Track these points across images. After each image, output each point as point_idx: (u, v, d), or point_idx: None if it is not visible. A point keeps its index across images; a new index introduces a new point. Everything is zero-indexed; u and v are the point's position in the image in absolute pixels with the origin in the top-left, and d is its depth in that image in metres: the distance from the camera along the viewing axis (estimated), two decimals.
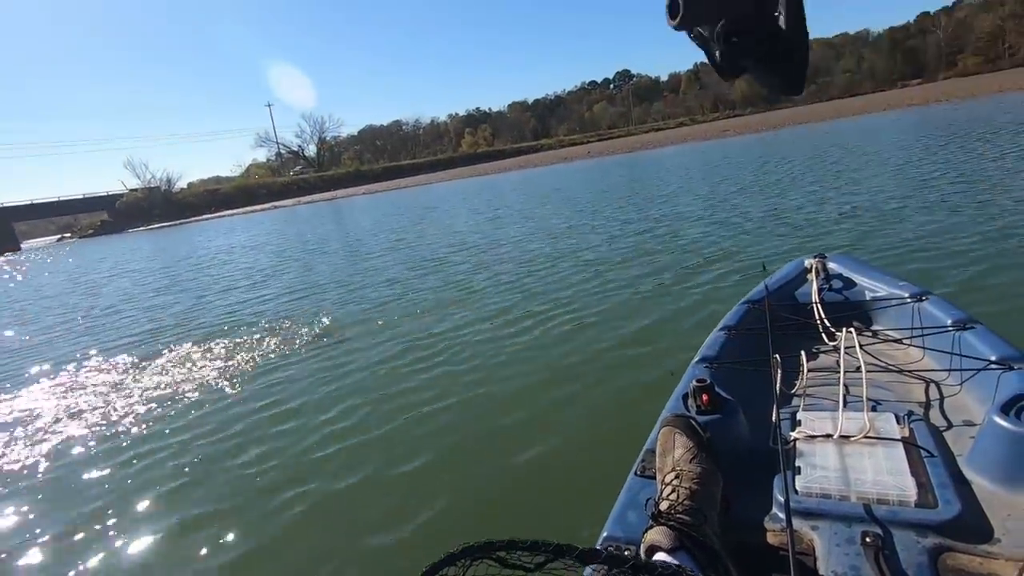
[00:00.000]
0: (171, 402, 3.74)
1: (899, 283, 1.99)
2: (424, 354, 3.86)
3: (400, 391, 3.32)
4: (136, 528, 2.37)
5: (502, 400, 2.98)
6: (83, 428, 3.51)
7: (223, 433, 3.13)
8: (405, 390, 3.32)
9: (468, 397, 3.08)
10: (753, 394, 1.54)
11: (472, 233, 9.74)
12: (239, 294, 7.56)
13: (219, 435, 3.12)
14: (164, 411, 3.59)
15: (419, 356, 3.84)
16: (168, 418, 3.46)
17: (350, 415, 3.10)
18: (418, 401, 3.12)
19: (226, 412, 3.43)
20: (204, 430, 3.21)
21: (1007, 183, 6.23)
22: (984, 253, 4.02)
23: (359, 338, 4.50)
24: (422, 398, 3.16)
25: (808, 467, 1.18)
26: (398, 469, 2.46)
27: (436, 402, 3.07)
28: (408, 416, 2.96)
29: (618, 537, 1.11)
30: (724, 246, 5.58)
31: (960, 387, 1.50)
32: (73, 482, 2.85)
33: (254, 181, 65.78)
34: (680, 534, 0.95)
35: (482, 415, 2.86)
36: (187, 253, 16.36)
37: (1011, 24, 66.37)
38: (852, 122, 24.56)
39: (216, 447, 2.98)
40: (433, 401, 3.08)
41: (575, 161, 33.81)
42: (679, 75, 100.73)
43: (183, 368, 4.49)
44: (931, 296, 1.84)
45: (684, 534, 0.95)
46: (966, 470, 1.17)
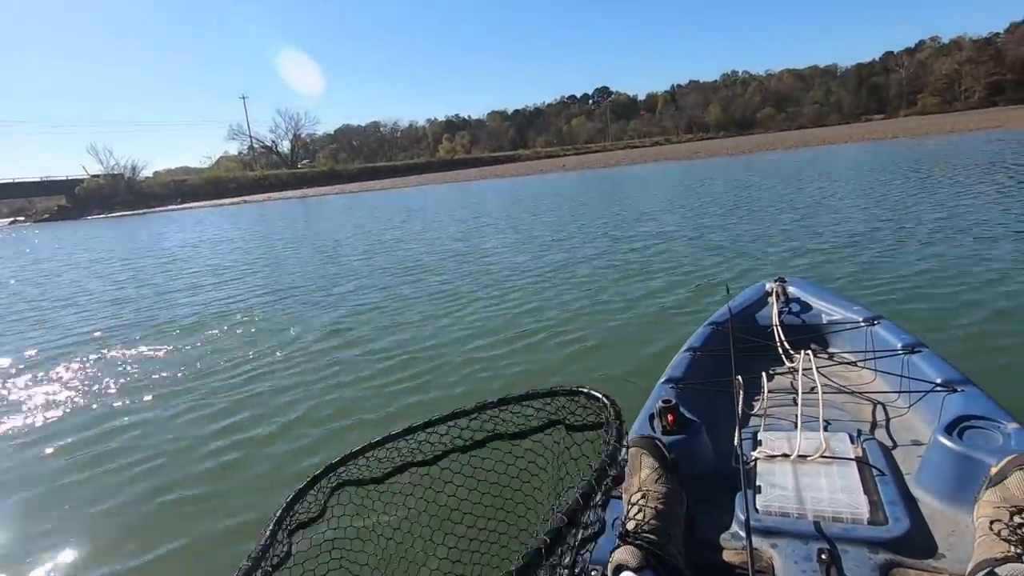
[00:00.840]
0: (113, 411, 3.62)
1: (853, 307, 2.07)
2: (391, 363, 3.77)
3: (366, 399, 3.23)
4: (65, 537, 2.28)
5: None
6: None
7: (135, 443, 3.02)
8: (371, 398, 3.24)
9: (431, 409, 2.99)
10: (716, 414, 1.60)
11: (444, 243, 9.69)
12: (204, 293, 7.39)
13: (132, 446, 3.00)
14: (103, 425, 3.39)
15: (386, 365, 3.74)
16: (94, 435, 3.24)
17: (313, 422, 2.99)
18: (385, 411, 3.03)
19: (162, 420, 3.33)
20: (126, 445, 3.04)
21: (954, 217, 6.58)
22: (930, 280, 4.24)
23: (322, 345, 4.41)
24: (389, 408, 3.07)
25: (768, 486, 1.22)
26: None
27: (402, 412, 2.99)
28: (373, 423, 2.88)
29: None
30: (690, 268, 5.67)
31: (909, 408, 1.57)
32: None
33: (224, 174, 64.20)
34: (646, 553, 0.96)
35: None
36: (149, 245, 15.87)
37: (967, 68, 70.14)
38: (816, 151, 25.49)
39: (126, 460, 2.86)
40: (400, 411, 3.01)
41: (550, 173, 34.08)
42: (656, 95, 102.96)
43: (139, 371, 4.37)
44: (883, 320, 1.92)
45: (650, 553, 0.97)
46: (914, 488, 1.22)
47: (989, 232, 5.54)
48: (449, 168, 64.14)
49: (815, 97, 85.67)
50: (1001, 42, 69.54)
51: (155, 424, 3.21)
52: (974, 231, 5.67)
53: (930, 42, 79.79)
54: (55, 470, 2.78)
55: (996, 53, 68.67)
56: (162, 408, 3.42)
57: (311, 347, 4.30)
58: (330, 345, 4.30)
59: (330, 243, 11.05)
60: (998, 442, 1.18)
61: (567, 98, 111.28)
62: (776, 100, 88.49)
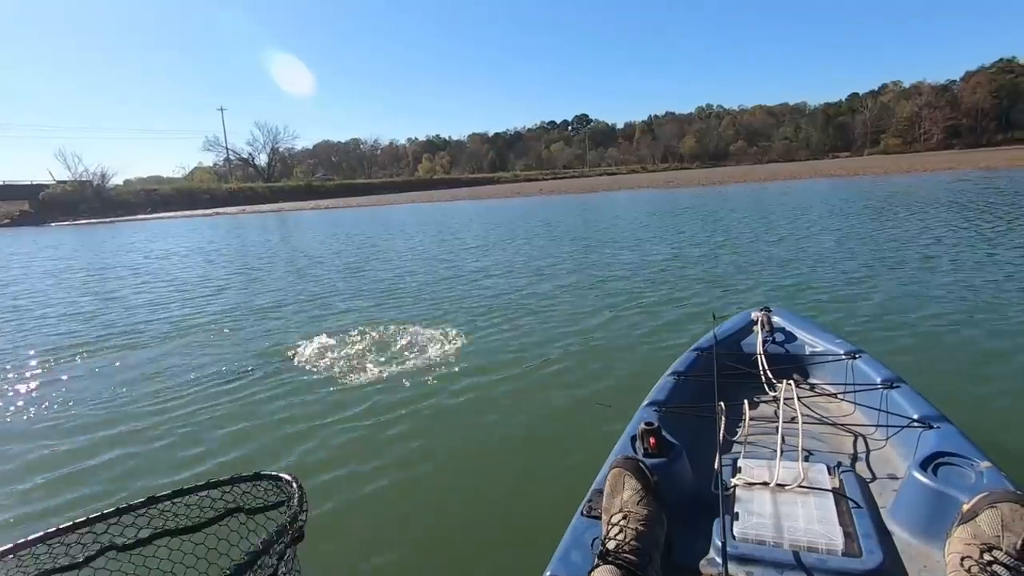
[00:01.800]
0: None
1: (836, 340, 2.11)
2: (371, 388, 3.63)
3: (346, 425, 3.12)
4: None
5: (447, 438, 2.89)
6: None
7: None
8: (351, 425, 3.12)
9: (414, 434, 2.94)
10: (698, 439, 1.61)
11: (430, 264, 9.60)
12: (166, 310, 7.24)
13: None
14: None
15: (367, 391, 3.58)
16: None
17: (289, 448, 2.87)
18: (365, 436, 2.96)
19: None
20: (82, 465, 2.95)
21: (922, 251, 6.82)
22: (907, 315, 4.30)
23: (295, 370, 4.21)
24: (370, 433, 2.99)
25: (746, 513, 1.23)
26: (336, 505, 2.35)
27: (384, 439, 2.91)
28: (351, 450, 2.81)
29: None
30: (676, 294, 5.68)
31: (886, 442, 1.60)
32: None
33: (198, 185, 63.21)
34: (626, 573, 0.97)
35: (426, 453, 2.74)
36: (114, 256, 15.48)
37: (926, 112, 73.86)
38: (790, 184, 26.24)
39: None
40: (381, 438, 2.93)
41: (532, 197, 34.41)
42: (634, 125, 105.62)
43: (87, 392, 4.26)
44: (863, 354, 1.95)
45: (630, 573, 0.97)
46: (888, 522, 1.24)
47: (966, 269, 5.68)
48: (428, 188, 64.24)
49: (785, 133, 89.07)
50: (957, 89, 73.51)
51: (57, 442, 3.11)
52: (950, 268, 5.80)
53: (892, 85, 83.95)
54: None
55: (953, 99, 72.55)
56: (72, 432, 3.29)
57: (258, 371, 4.24)
58: (294, 373, 4.09)
59: (302, 260, 10.88)
60: (971, 479, 1.20)
61: (547, 123, 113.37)
62: (748, 134, 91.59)
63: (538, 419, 3.02)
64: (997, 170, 23.80)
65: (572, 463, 2.44)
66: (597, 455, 1.50)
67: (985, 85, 69.20)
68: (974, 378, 3.11)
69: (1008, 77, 69.05)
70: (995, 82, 68.95)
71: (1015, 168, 24.07)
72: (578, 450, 2.57)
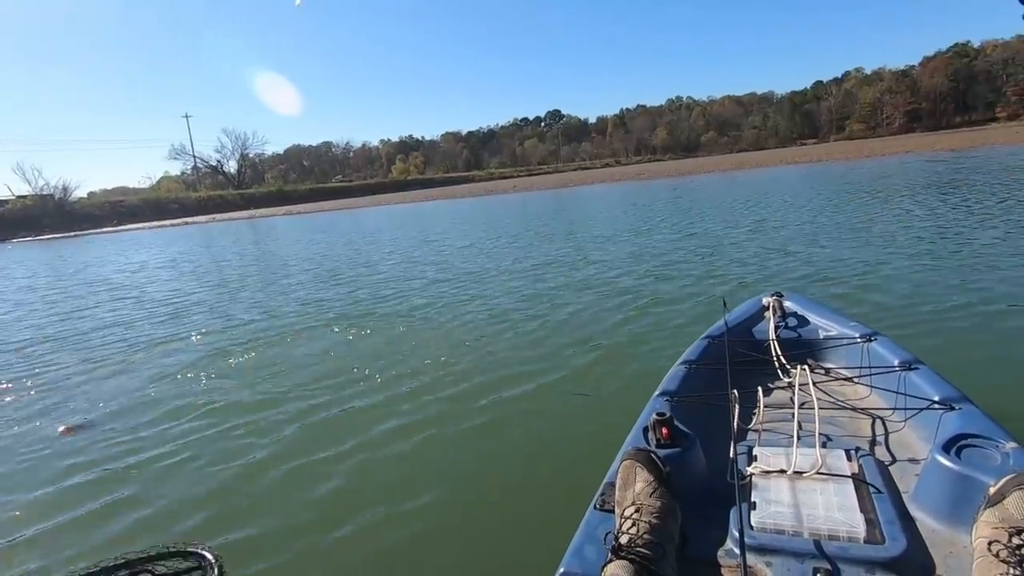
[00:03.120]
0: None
1: (850, 323, 2.06)
2: (385, 381, 3.67)
3: (356, 419, 3.13)
4: None
5: (461, 433, 2.88)
6: None
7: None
8: (361, 418, 3.14)
9: (426, 429, 2.94)
10: (711, 428, 1.56)
11: (419, 268, 9.54)
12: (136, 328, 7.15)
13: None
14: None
15: (380, 384, 3.63)
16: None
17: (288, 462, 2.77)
18: (378, 431, 2.96)
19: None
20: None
21: (925, 232, 6.94)
22: (926, 296, 4.23)
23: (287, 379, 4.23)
24: (382, 428, 2.99)
25: (763, 502, 1.20)
26: (350, 497, 2.37)
27: (393, 433, 2.94)
28: (365, 445, 2.82)
29: (575, 572, 1.11)
30: (684, 281, 5.65)
31: (905, 424, 1.55)
32: None
33: (165, 194, 61.89)
34: (639, 568, 0.96)
35: (441, 448, 2.75)
36: (75, 272, 15.14)
37: (888, 98, 75.74)
38: (752, 173, 26.69)
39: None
40: (390, 432, 2.94)
41: (509, 194, 34.43)
42: (606, 119, 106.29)
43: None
44: (879, 336, 1.92)
45: (643, 568, 0.96)
46: (911, 507, 1.21)
47: (980, 250, 5.60)
48: (403, 188, 63.88)
49: (754, 122, 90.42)
50: (916, 74, 75.50)
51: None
52: (960, 249, 5.73)
53: (855, 72, 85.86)
54: None
55: (912, 84, 74.50)
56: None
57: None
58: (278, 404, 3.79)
59: (277, 271, 10.41)
60: (996, 461, 1.17)
61: (520, 120, 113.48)
62: (718, 124, 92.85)
63: (548, 414, 2.99)
64: (957, 150, 24.57)
65: (585, 456, 2.38)
66: (610, 447, 1.48)
67: (942, 69, 71.18)
68: (994, 358, 3.03)
69: (963, 61, 71.14)
70: (951, 66, 70.97)
71: (966, 149, 24.92)
72: (590, 442, 2.51)
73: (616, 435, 1.54)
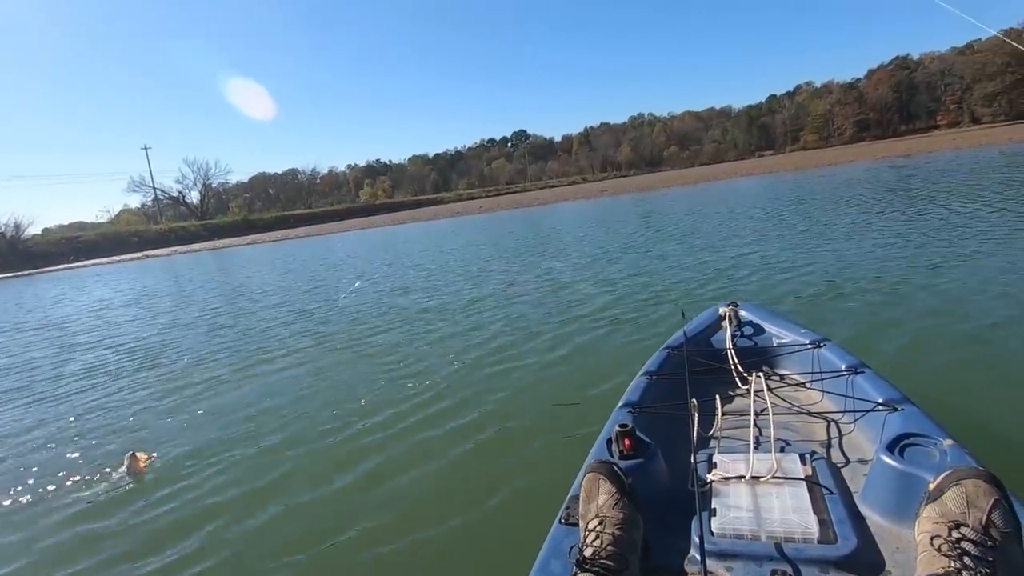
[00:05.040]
0: None
1: (801, 330, 2.14)
2: (344, 402, 3.72)
3: (321, 443, 3.15)
4: None
5: (425, 450, 2.90)
6: None
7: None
8: (326, 443, 3.16)
9: (390, 448, 2.98)
10: (673, 437, 1.59)
11: (381, 285, 9.49)
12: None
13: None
14: None
15: (341, 399, 3.72)
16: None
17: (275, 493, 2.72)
18: (343, 451, 2.99)
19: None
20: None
21: (850, 240, 7.20)
22: (869, 302, 4.36)
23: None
24: (346, 447, 3.02)
25: (723, 508, 1.23)
26: (314, 522, 2.38)
27: (357, 453, 2.98)
28: (330, 462, 2.86)
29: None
30: (644, 295, 5.77)
31: (854, 426, 1.62)
32: None
33: (124, 228, 60.28)
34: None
35: (404, 467, 2.76)
36: (29, 315, 14.61)
37: (838, 109, 79.01)
38: (729, 184, 27.27)
39: None
40: (355, 452, 3.00)
41: (477, 215, 34.51)
42: (571, 137, 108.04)
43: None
44: (828, 343, 1.99)
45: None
46: (861, 506, 1.25)
47: (920, 253, 5.82)
48: (371, 213, 63.63)
49: (713, 136, 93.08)
50: (862, 86, 79.04)
51: None
52: (902, 254, 5.93)
53: (805, 86, 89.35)
54: None
55: (859, 95, 77.89)
56: None
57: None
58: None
59: (238, 305, 10.11)
60: (935, 459, 1.22)
61: (487, 141, 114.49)
62: (679, 139, 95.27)
63: (515, 431, 3.01)
64: (900, 159, 25.76)
65: (551, 471, 2.41)
66: (576, 460, 1.49)
67: (886, 81, 74.69)
68: (934, 360, 3.17)
69: (904, 73, 74.81)
70: (894, 78, 74.54)
71: (909, 155, 26.16)
72: (557, 457, 2.56)
73: (583, 448, 1.57)
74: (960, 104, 68.39)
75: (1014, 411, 2.46)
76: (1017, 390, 2.68)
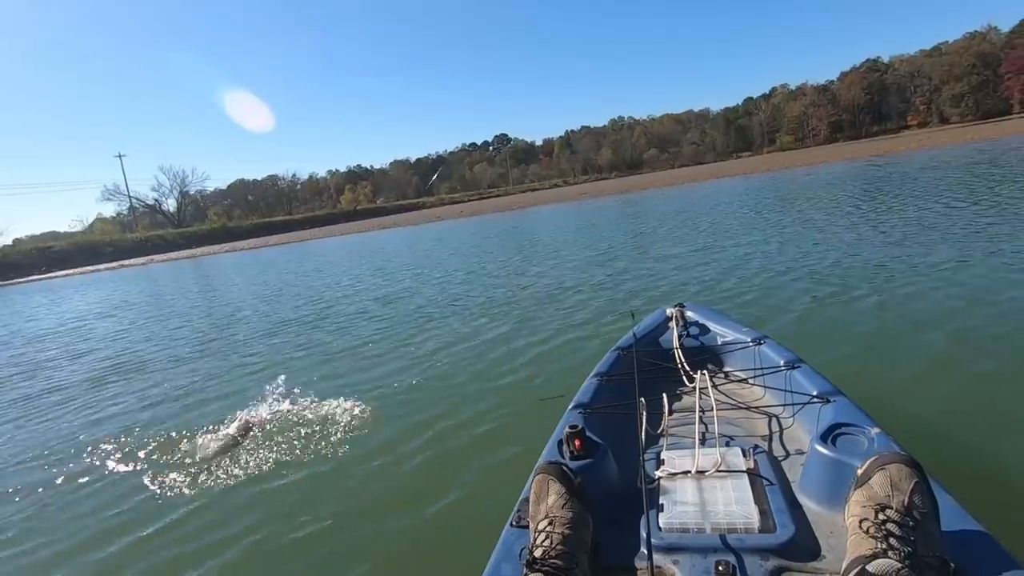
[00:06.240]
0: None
1: (743, 329, 2.22)
2: (293, 409, 3.73)
3: (263, 454, 3.13)
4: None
5: (375, 459, 2.88)
6: None
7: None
8: (267, 453, 3.14)
9: (336, 456, 2.96)
10: (623, 436, 1.63)
11: (344, 289, 9.52)
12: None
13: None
14: None
15: (287, 409, 3.71)
16: None
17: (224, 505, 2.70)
18: (288, 461, 2.97)
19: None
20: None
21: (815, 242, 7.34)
22: (806, 301, 4.54)
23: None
24: (291, 457, 3.01)
25: (670, 503, 1.27)
26: (260, 533, 2.37)
27: (306, 461, 2.95)
28: (271, 476, 2.83)
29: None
30: (598, 297, 5.86)
31: (793, 419, 1.68)
32: None
33: (99, 237, 59.11)
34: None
35: (354, 475, 2.74)
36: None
37: (812, 111, 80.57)
38: (705, 186, 27.66)
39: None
40: (303, 460, 2.98)
41: (458, 220, 34.56)
42: (552, 141, 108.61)
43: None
44: (767, 340, 2.07)
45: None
46: (798, 495, 1.30)
47: (849, 254, 6.06)
48: (352, 219, 63.20)
49: (692, 138, 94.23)
50: (835, 88, 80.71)
51: None
52: (834, 254, 6.17)
53: (781, 88, 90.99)
54: None
55: (833, 97, 79.55)
56: None
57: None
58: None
59: (223, 313, 10.04)
60: (864, 446, 1.29)
61: (468, 145, 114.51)
62: (659, 141, 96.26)
63: (470, 437, 3.00)
64: (855, 160, 26.39)
65: (504, 475, 2.42)
66: (529, 463, 1.52)
67: (858, 83, 76.41)
68: (865, 355, 3.32)
69: (875, 75, 76.63)
70: (865, 80, 76.29)
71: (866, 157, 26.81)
72: (510, 461, 2.58)
73: (535, 451, 1.60)
74: (929, 105, 70.26)
75: (932, 399, 2.67)
76: (934, 380, 2.85)
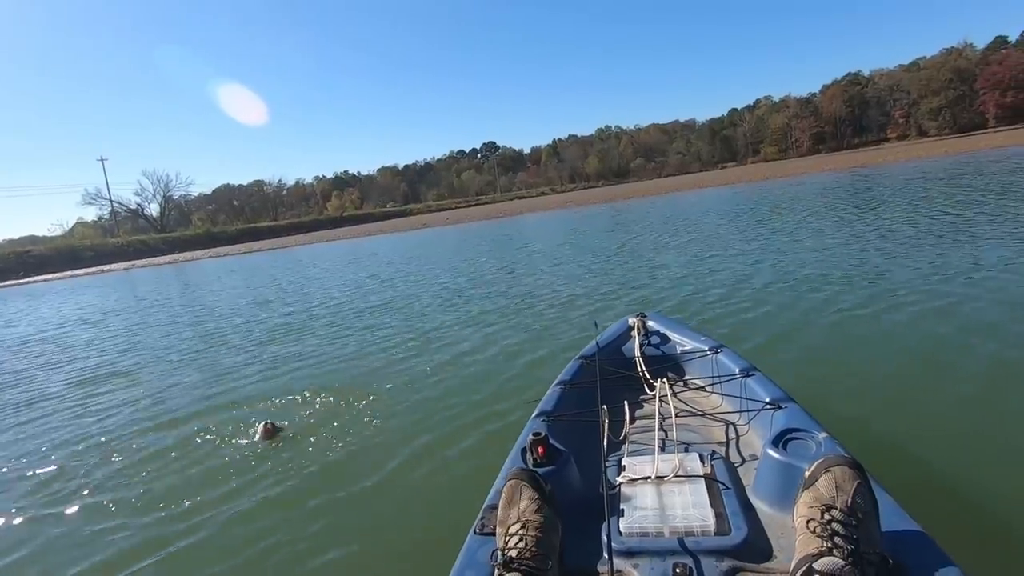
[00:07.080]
0: None
1: (701, 338, 2.28)
2: (260, 413, 3.74)
3: (234, 456, 3.17)
4: None
5: (333, 469, 2.88)
6: None
7: None
8: (239, 456, 3.17)
9: (290, 465, 2.96)
10: (585, 444, 1.66)
11: (310, 297, 9.54)
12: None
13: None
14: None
15: (252, 416, 3.70)
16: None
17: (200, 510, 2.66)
18: (249, 467, 3.00)
19: None
20: None
21: (775, 254, 7.45)
22: (761, 312, 4.65)
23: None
24: (251, 465, 3.03)
25: (631, 509, 1.29)
26: (229, 537, 2.37)
27: (267, 469, 2.97)
28: (232, 479, 2.86)
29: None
30: (569, 306, 5.92)
31: (748, 426, 1.74)
32: None
33: (79, 242, 58.14)
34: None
35: (313, 487, 2.72)
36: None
37: (795, 122, 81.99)
38: (688, 195, 27.94)
39: None
40: (265, 468, 2.99)
41: (444, 227, 34.56)
42: (540, 149, 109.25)
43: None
44: (724, 348, 2.12)
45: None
46: (752, 498, 1.35)
47: (814, 266, 6.13)
48: (338, 225, 62.96)
49: (678, 148, 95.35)
50: (818, 100, 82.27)
51: None
52: (794, 267, 6.25)
53: (764, 100, 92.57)
54: None
55: (815, 109, 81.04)
56: None
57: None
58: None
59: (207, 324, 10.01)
60: (812, 450, 1.34)
61: (456, 152, 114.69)
62: (645, 151, 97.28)
63: (433, 446, 2.99)
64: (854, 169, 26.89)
65: (462, 485, 2.43)
66: (488, 472, 1.51)
67: (839, 96, 77.95)
68: (813, 363, 3.43)
69: (856, 88, 78.24)
70: (847, 93, 77.87)
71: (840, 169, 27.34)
72: (468, 471, 2.58)
73: (494, 460, 1.61)
74: (908, 118, 71.82)
75: (874, 405, 2.76)
76: (877, 387, 2.98)
